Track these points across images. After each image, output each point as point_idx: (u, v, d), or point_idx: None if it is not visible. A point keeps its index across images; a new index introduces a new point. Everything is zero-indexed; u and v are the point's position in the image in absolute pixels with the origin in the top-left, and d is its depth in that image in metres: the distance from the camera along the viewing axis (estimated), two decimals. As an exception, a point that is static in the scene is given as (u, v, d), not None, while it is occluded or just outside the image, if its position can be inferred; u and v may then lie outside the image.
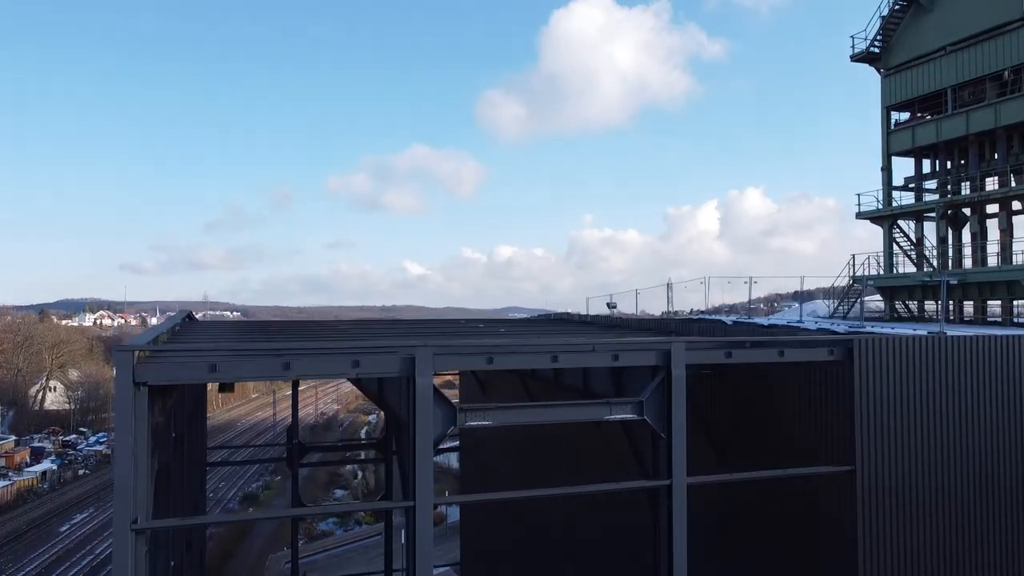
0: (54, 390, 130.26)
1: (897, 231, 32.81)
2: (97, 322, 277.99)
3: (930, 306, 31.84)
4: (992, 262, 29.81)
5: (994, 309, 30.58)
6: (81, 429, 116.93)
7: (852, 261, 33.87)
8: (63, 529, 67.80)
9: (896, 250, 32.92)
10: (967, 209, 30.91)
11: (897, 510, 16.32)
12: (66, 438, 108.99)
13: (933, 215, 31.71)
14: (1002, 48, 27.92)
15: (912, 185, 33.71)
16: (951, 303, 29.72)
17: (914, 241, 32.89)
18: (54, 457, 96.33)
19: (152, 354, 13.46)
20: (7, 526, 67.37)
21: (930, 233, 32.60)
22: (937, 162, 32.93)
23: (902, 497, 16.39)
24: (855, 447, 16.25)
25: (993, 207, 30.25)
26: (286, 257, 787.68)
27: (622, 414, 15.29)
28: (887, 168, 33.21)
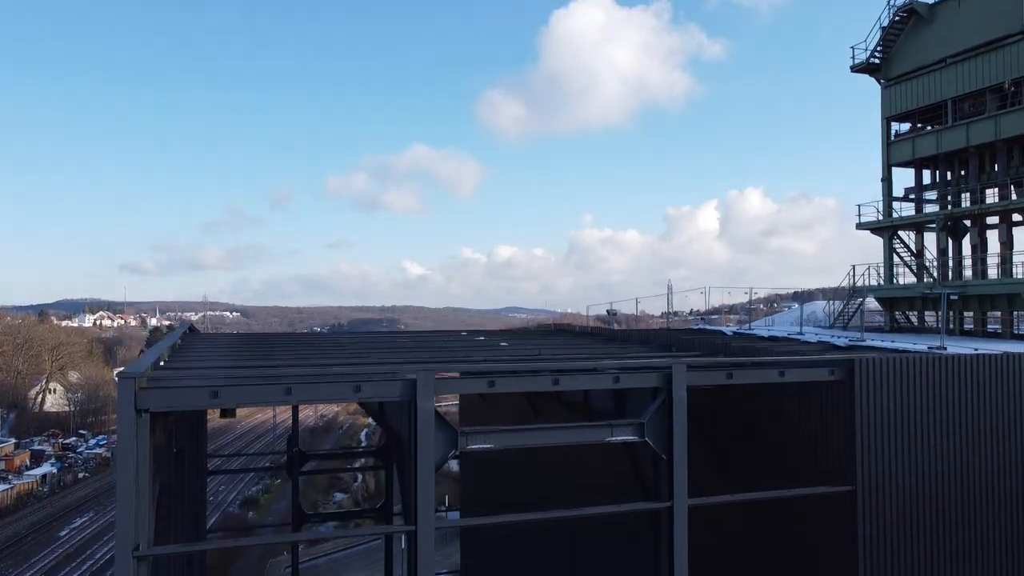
0: (54, 392, 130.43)
1: (897, 242, 32.85)
2: (97, 323, 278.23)
3: (930, 316, 31.87)
4: (992, 274, 29.84)
5: (995, 319, 30.61)
6: (81, 432, 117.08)
7: (852, 272, 33.96)
8: (63, 534, 67.89)
9: (896, 260, 32.94)
10: (967, 221, 30.94)
11: (899, 530, 16.35)
12: (66, 441, 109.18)
13: (933, 226, 31.73)
14: (1002, 61, 27.93)
15: (912, 196, 33.75)
16: (951, 314, 29.75)
17: (914, 252, 32.92)
18: (54, 460, 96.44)
19: (153, 379, 13.47)
20: (7, 530, 67.50)
21: (930, 243, 32.63)
22: (937, 172, 32.96)
23: (904, 517, 16.42)
24: (856, 467, 16.30)
25: (993, 219, 30.27)
26: (286, 257, 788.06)
27: (623, 436, 15.36)
28: (887, 179, 33.24)
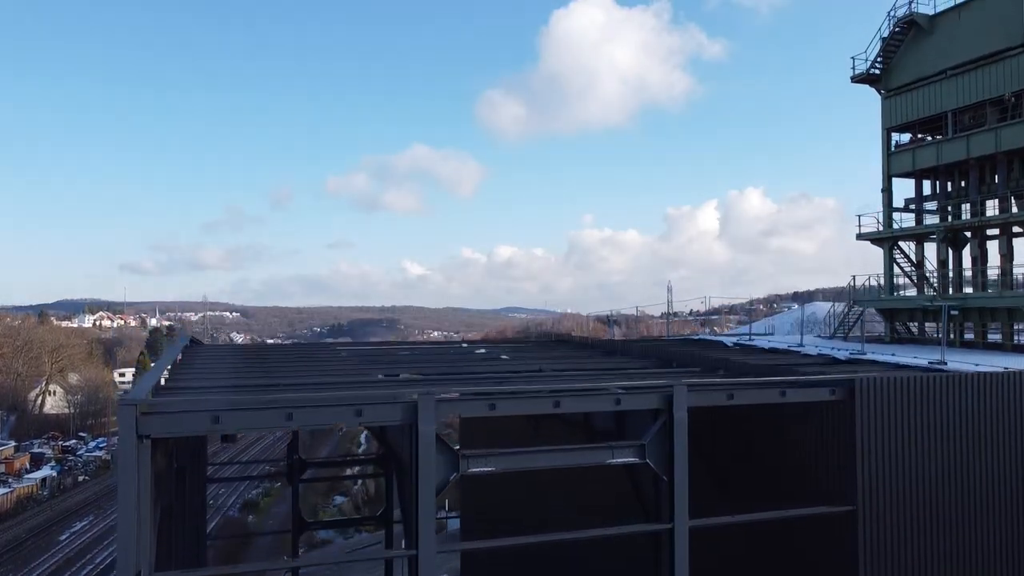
0: (53, 394, 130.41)
1: (898, 252, 32.86)
2: (97, 323, 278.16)
3: (931, 327, 31.87)
4: (992, 286, 29.84)
5: (995, 328, 30.61)
6: (81, 434, 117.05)
7: (852, 282, 33.98)
8: (63, 538, 67.76)
9: (896, 271, 32.95)
10: (968, 232, 30.95)
11: (900, 551, 16.36)
12: (66, 443, 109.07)
13: (934, 237, 31.73)
14: (1003, 73, 27.93)
15: (913, 207, 33.75)
16: (951, 325, 29.76)
17: (915, 263, 32.93)
18: (54, 463, 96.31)
19: (154, 405, 13.46)
20: (7, 534, 67.37)
21: (931, 254, 32.64)
22: (938, 183, 32.96)
23: (905, 537, 16.43)
24: (856, 486, 16.32)
25: (994, 231, 30.27)
26: (286, 257, 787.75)
27: (624, 458, 15.42)
28: (887, 189, 33.26)
